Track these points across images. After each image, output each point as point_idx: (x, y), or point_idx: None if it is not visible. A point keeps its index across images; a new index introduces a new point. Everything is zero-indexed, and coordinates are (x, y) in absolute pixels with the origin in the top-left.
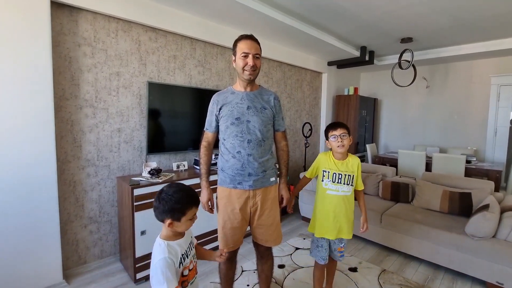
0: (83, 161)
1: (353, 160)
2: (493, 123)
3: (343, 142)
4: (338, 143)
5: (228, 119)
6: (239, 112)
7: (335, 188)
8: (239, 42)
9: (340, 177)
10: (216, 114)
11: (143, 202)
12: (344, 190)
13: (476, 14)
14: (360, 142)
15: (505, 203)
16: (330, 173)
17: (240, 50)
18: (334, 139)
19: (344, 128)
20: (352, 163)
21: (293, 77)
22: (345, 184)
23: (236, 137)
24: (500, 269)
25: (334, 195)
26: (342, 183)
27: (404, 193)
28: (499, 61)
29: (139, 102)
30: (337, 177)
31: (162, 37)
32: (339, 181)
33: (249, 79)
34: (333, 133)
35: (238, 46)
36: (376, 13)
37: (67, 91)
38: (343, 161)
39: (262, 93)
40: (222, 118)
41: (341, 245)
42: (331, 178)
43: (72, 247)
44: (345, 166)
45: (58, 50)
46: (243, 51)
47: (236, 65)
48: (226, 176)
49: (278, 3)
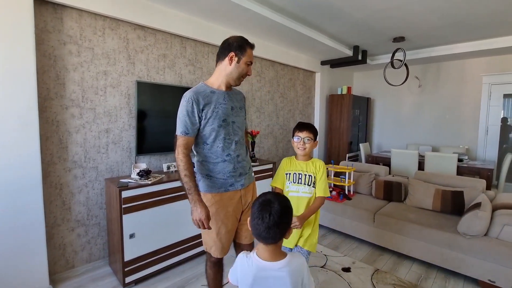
0: (70, 162)
1: (316, 162)
2: (485, 122)
3: (305, 146)
4: (300, 145)
5: (215, 121)
6: (224, 113)
7: (296, 189)
8: (249, 48)
9: (300, 176)
10: (199, 115)
11: (132, 205)
12: (305, 191)
13: (467, 13)
14: (353, 142)
15: (497, 201)
16: (291, 174)
17: (248, 57)
18: (297, 140)
19: (310, 132)
20: (314, 164)
21: (286, 76)
22: (305, 185)
23: (224, 140)
24: (491, 267)
25: (294, 197)
26: (302, 183)
27: (397, 192)
28: (490, 60)
29: (128, 102)
30: (297, 177)
31: (151, 35)
32: (299, 181)
33: (237, 85)
34: (298, 134)
35: (248, 51)
36: (368, 12)
37: (52, 91)
38: (305, 162)
39: (235, 92)
40: (205, 120)
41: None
42: (292, 179)
43: (59, 251)
44: (305, 166)
45: (42, 48)
46: (250, 60)
47: (237, 68)
48: (215, 181)
49: (270, 1)
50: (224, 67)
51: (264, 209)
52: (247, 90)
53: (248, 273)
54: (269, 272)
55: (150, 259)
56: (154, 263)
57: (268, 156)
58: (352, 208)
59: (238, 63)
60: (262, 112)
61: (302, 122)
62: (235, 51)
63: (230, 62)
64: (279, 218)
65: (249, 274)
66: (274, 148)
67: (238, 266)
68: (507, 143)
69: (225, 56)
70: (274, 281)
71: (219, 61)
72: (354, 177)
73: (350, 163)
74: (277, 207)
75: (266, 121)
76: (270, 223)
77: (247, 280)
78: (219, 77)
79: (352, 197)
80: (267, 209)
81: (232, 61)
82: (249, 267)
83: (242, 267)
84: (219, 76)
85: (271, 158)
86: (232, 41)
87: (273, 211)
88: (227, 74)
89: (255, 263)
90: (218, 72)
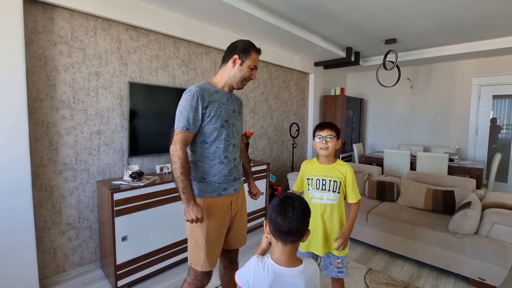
0: (60, 165)
1: (342, 167)
2: (474, 122)
3: (328, 145)
4: (322, 144)
5: (218, 120)
6: (227, 114)
7: (319, 196)
8: (254, 52)
9: (324, 183)
10: (202, 111)
11: (124, 207)
12: (330, 198)
13: (457, 17)
14: (347, 142)
15: (486, 200)
16: (314, 180)
17: (252, 60)
18: (319, 140)
19: (332, 130)
20: (339, 169)
21: (280, 78)
22: (330, 191)
23: (224, 141)
24: (481, 265)
25: (319, 204)
26: (326, 190)
27: (390, 192)
28: (479, 62)
29: (120, 103)
30: (321, 183)
31: (144, 36)
32: (323, 187)
33: (240, 88)
34: (319, 133)
35: (252, 55)
36: (360, 15)
37: (42, 92)
38: (329, 166)
39: (235, 97)
40: (209, 118)
41: (338, 261)
42: (315, 185)
43: (49, 255)
44: (330, 171)
45: (32, 49)
46: (255, 63)
47: (239, 71)
48: (208, 185)
49: (263, 3)
50: (227, 69)
51: (287, 204)
52: (242, 91)
53: (263, 278)
54: (286, 278)
55: (143, 262)
56: (147, 266)
57: (262, 157)
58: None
59: (241, 66)
60: (256, 113)
61: (321, 122)
62: (239, 54)
63: (233, 65)
64: (302, 212)
65: (265, 280)
66: (268, 149)
67: (252, 270)
68: (496, 143)
69: (229, 59)
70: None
71: (223, 63)
72: None
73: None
74: (298, 203)
75: (260, 122)
76: (294, 217)
77: (261, 285)
78: (223, 79)
79: None
80: (289, 204)
81: (235, 63)
82: (264, 271)
83: (256, 272)
84: (223, 78)
85: (265, 159)
86: (237, 44)
87: (296, 205)
88: (230, 77)
89: (271, 268)
90: (221, 73)
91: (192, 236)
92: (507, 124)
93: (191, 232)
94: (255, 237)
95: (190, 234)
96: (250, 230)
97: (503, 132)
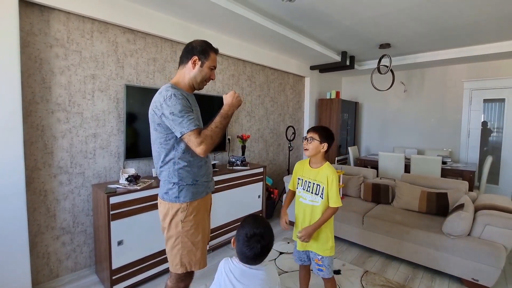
0: (55, 168)
1: (325, 171)
2: (466, 125)
3: (308, 146)
4: (304, 145)
5: (199, 123)
6: (199, 117)
7: (305, 196)
8: (212, 53)
9: (309, 185)
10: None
11: (120, 211)
12: (313, 200)
13: (449, 23)
14: (342, 145)
15: (479, 202)
16: (302, 181)
17: (212, 61)
18: (304, 140)
19: (315, 132)
20: (323, 173)
21: (276, 81)
22: (313, 194)
23: None
24: (475, 266)
25: (303, 203)
26: (310, 192)
27: (385, 195)
28: (470, 66)
29: (116, 106)
30: (307, 185)
31: (141, 39)
32: (308, 189)
33: (200, 89)
34: (305, 135)
35: (211, 56)
36: (356, 20)
37: (37, 95)
38: (315, 169)
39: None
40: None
41: (318, 257)
42: (303, 186)
43: (43, 260)
44: (315, 174)
45: (27, 51)
46: (214, 64)
47: (200, 72)
48: (199, 186)
49: (260, 7)
50: (187, 70)
51: (253, 241)
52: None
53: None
54: (250, 271)
55: (139, 267)
56: (143, 271)
57: (258, 160)
58: (342, 210)
59: (202, 67)
60: (253, 116)
61: (315, 125)
62: (198, 55)
63: (194, 66)
64: (267, 245)
65: (235, 270)
66: (264, 152)
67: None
68: (487, 146)
69: (188, 60)
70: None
71: (181, 64)
72: (343, 180)
73: (340, 166)
74: (266, 240)
75: (257, 125)
76: (257, 251)
77: (232, 275)
78: (184, 80)
79: (342, 199)
80: (255, 241)
81: (195, 65)
82: (233, 264)
83: (226, 267)
84: (184, 79)
85: (261, 162)
86: (195, 45)
87: (262, 243)
88: (191, 78)
89: (238, 264)
90: (181, 75)
91: (188, 241)
92: (497, 128)
93: (185, 237)
94: None
95: (184, 240)
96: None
97: (494, 135)
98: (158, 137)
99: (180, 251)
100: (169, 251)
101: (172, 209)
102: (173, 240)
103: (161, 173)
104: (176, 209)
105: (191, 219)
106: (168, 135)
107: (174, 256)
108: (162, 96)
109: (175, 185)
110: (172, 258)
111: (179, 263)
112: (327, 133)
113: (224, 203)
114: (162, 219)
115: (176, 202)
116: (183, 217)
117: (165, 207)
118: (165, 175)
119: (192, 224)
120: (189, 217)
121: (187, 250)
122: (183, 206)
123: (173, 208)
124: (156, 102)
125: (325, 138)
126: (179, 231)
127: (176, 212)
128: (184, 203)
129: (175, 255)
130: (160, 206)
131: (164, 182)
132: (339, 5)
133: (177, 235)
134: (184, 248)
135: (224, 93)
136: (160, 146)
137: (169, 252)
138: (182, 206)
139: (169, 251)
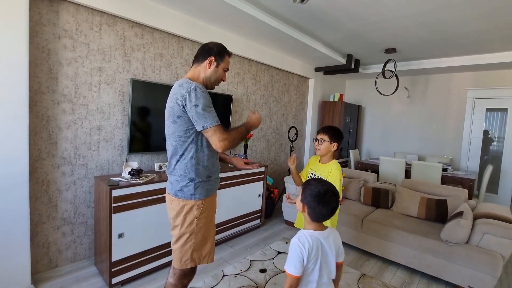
0: (59, 159)
1: (330, 166)
2: (468, 133)
3: (319, 147)
4: (315, 146)
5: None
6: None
7: None
8: (227, 56)
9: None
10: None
11: (122, 204)
12: None
13: (455, 30)
14: (343, 148)
15: (478, 211)
16: (311, 173)
17: (226, 64)
18: (315, 141)
19: (325, 134)
20: (328, 167)
21: (281, 81)
22: None
23: None
24: (471, 274)
25: None
26: None
27: (384, 199)
28: (475, 75)
29: (122, 100)
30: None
31: (149, 33)
32: None
33: (212, 89)
34: (316, 136)
35: (226, 58)
36: (362, 23)
37: (43, 85)
38: (323, 165)
39: None
40: None
41: None
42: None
43: (42, 249)
44: (322, 169)
45: (35, 41)
46: (227, 66)
47: (215, 72)
48: (213, 182)
49: (268, 7)
50: (202, 69)
51: (327, 196)
52: (242, 92)
53: (311, 246)
54: (321, 239)
55: (139, 260)
56: (143, 264)
57: (260, 159)
58: (341, 213)
59: (217, 67)
60: None
61: (324, 126)
62: (215, 56)
63: (209, 66)
64: (336, 204)
65: (313, 247)
66: (266, 151)
67: (300, 248)
68: (488, 155)
69: (205, 59)
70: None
71: (197, 63)
72: (344, 183)
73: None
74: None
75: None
76: (334, 205)
77: (312, 252)
78: (198, 78)
79: (342, 202)
80: (331, 196)
81: (211, 64)
82: (309, 241)
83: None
84: (198, 77)
85: (263, 161)
86: (212, 46)
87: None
88: (206, 77)
89: (310, 236)
90: (196, 73)
91: (201, 236)
92: (498, 137)
93: (199, 233)
94: (253, 238)
95: (198, 236)
96: (248, 231)
97: (494, 145)
98: (177, 130)
99: (192, 247)
100: (179, 247)
101: (187, 207)
102: (186, 236)
103: (175, 169)
104: (191, 206)
105: (206, 215)
106: (189, 128)
107: (185, 252)
108: (184, 88)
109: (192, 182)
110: (182, 254)
111: (189, 258)
112: (336, 133)
113: (224, 200)
114: (175, 216)
115: (192, 199)
116: (198, 214)
117: (178, 205)
118: (181, 170)
119: (206, 220)
120: (203, 213)
121: (199, 246)
122: (198, 204)
123: (188, 206)
124: (177, 94)
125: (335, 138)
126: (193, 228)
127: (190, 209)
128: (199, 200)
129: (186, 251)
130: (172, 204)
131: (180, 177)
132: (346, 8)
133: (191, 232)
134: (196, 244)
135: (228, 91)
136: (179, 139)
137: (180, 248)
138: (197, 203)
139: (179, 248)
